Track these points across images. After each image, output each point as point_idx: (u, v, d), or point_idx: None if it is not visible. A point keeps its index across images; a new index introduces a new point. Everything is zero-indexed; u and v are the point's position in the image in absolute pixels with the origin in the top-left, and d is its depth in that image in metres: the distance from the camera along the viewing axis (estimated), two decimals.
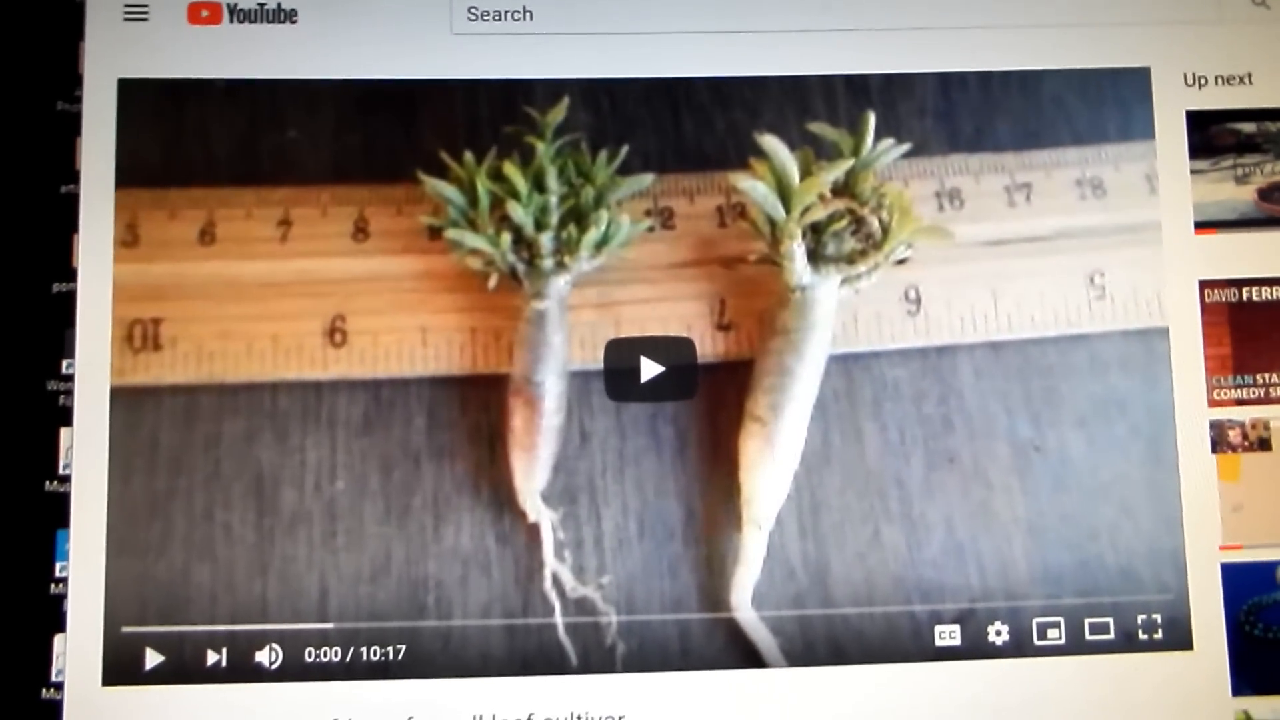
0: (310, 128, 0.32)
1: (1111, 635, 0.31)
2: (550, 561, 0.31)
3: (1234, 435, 0.32)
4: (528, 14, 0.32)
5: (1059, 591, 0.32)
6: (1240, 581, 0.32)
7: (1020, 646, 0.31)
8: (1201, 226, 0.33)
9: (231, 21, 0.32)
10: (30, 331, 0.31)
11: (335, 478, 0.31)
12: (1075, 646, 0.31)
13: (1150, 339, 0.32)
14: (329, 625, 0.31)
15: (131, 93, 0.32)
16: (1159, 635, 0.31)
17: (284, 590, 0.31)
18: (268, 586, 0.31)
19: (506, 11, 0.32)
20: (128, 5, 0.32)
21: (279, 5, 0.32)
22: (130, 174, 0.32)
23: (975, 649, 0.31)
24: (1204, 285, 0.32)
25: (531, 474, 0.31)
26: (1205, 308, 0.32)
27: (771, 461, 0.31)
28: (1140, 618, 0.31)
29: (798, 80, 0.33)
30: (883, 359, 0.33)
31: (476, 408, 0.32)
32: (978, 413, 0.32)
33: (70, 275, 0.31)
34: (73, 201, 0.31)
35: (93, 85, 0.32)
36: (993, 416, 0.32)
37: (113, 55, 0.32)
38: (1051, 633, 0.31)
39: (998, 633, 0.31)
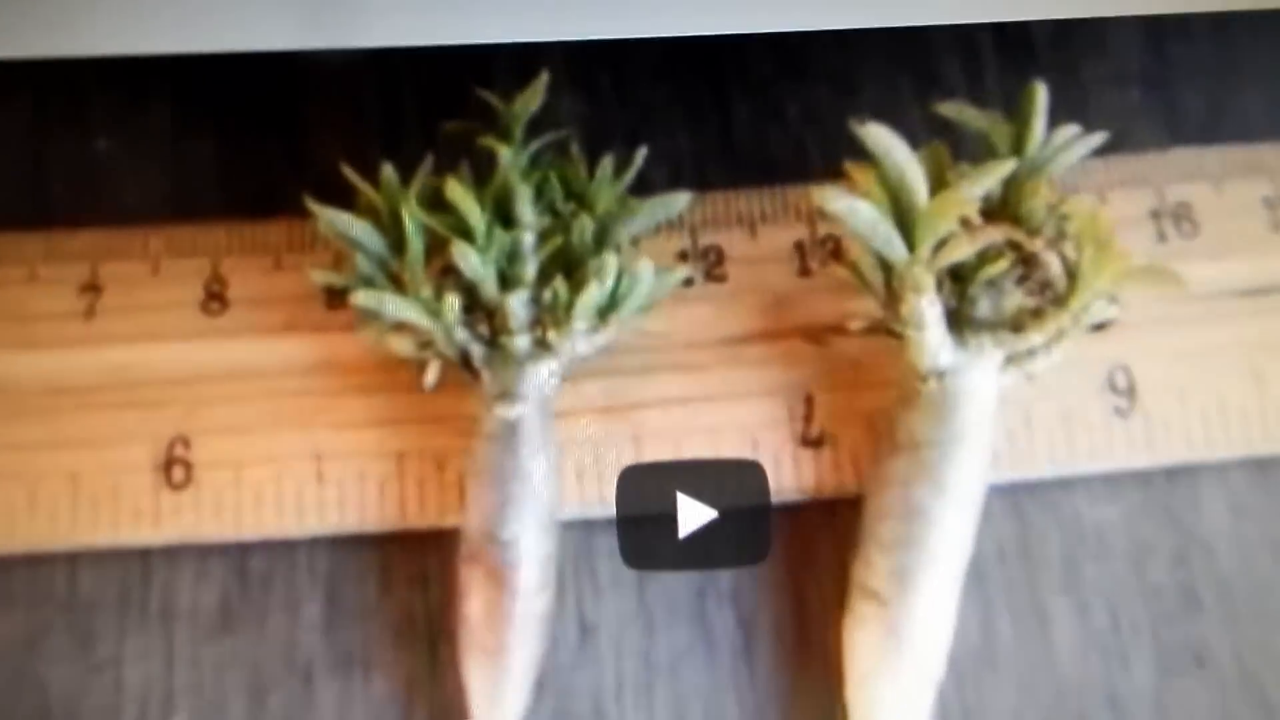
0: (131, 130, 0.30)
1: None
2: None
3: None
4: None
5: None
6: None
7: None
8: None
9: None
10: None
11: (173, 708, 0.27)
12: None
13: None
14: None
15: None
16: None
17: None
18: None
19: None
20: None
21: None
22: None
23: None
24: None
25: (500, 694, 0.26)
26: None
27: (898, 665, 0.26)
28: None
29: (918, 34, 0.30)
30: (1078, 491, 0.28)
31: (406, 585, 0.28)
32: (1241, 579, 0.28)
33: None
34: None
35: None
36: (1269, 585, 0.28)
37: None
38: None
39: None
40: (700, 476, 0.28)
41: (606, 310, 0.28)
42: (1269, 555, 0.28)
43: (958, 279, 0.28)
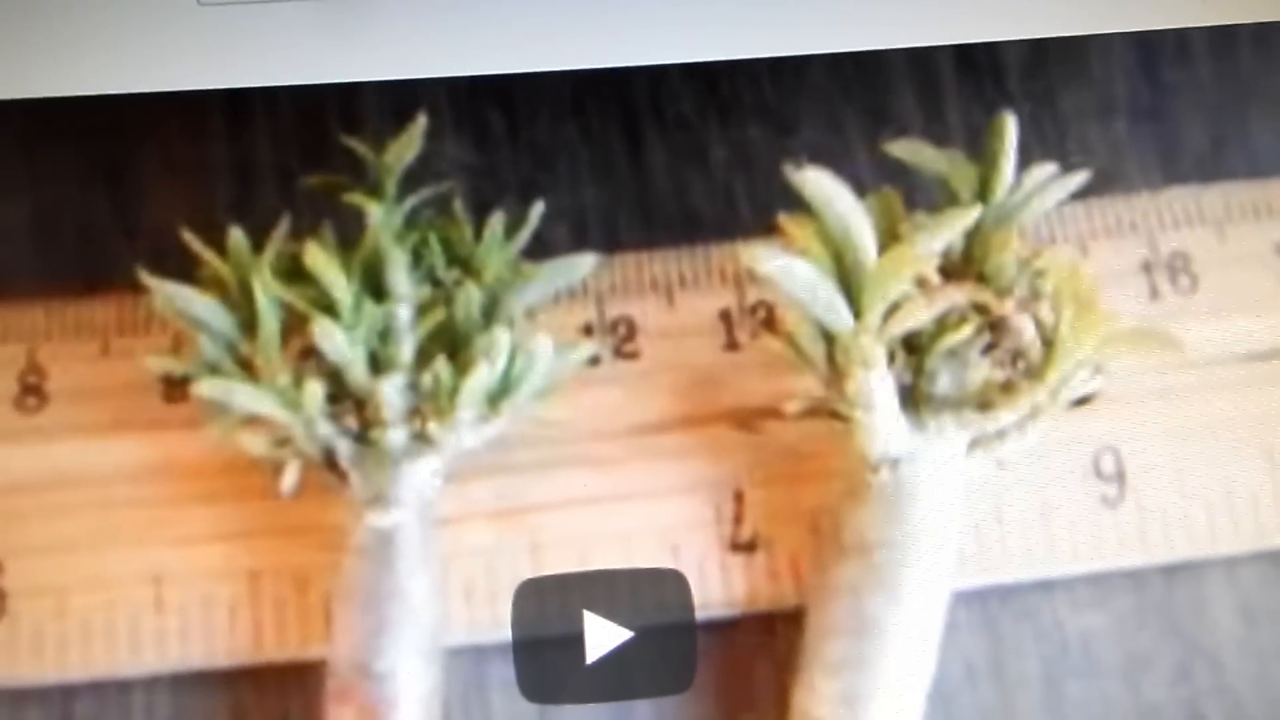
0: None
1: None
2: None
3: None
4: None
5: None
6: None
7: None
8: None
9: None
10: None
11: None
12: None
13: None
14: None
15: None
16: None
17: None
18: None
19: None
20: None
21: None
22: None
23: None
24: None
25: None
26: None
27: None
28: None
29: (863, 59, 0.29)
30: (1059, 595, 0.27)
31: None
32: (1253, 695, 0.27)
33: None
34: None
35: None
36: None
37: None
38: None
39: None
40: (611, 590, 0.27)
41: (498, 396, 0.27)
42: None
43: (913, 350, 0.27)
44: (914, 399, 0.26)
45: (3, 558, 0.26)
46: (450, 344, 0.27)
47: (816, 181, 0.26)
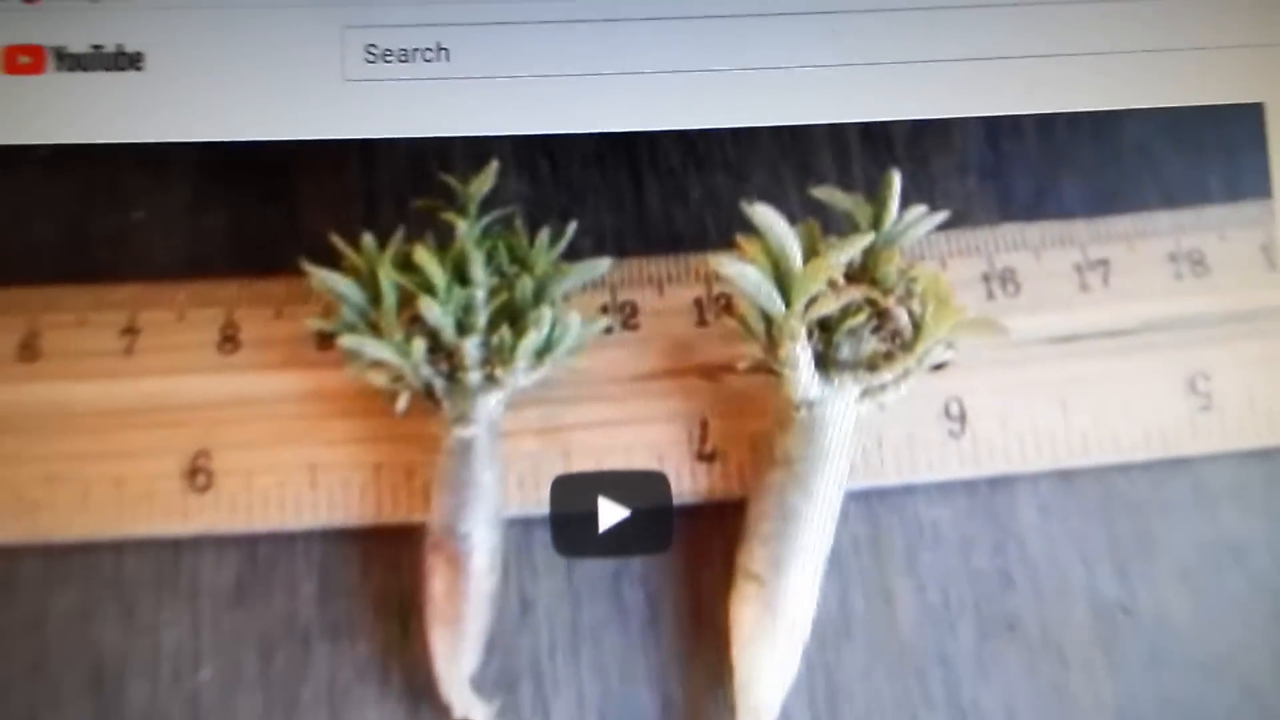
0: (161, 206, 0.36)
1: None
2: None
3: None
4: (442, 53, 0.37)
5: None
6: None
7: None
8: None
9: (58, 69, 0.36)
10: None
11: (199, 664, 0.34)
12: None
13: (1274, 462, 0.36)
14: None
15: None
16: None
17: None
18: None
19: (415, 50, 0.37)
20: None
21: (119, 48, 0.37)
22: None
23: None
24: None
25: (457, 655, 0.34)
26: None
27: (773, 633, 0.33)
28: None
29: (797, 131, 0.37)
30: (917, 495, 0.36)
31: (383, 569, 0.35)
32: (1045, 565, 0.35)
33: None
34: None
35: None
36: (1065, 569, 0.35)
37: None
38: None
39: None
40: (616, 484, 0.36)
41: (542, 352, 0.35)
42: (1068, 545, 0.35)
43: (825, 329, 0.35)
44: (824, 362, 0.34)
45: (212, 450, 0.35)
46: (511, 316, 0.35)
47: (763, 214, 0.34)
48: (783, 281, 0.34)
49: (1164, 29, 0.37)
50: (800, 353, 0.34)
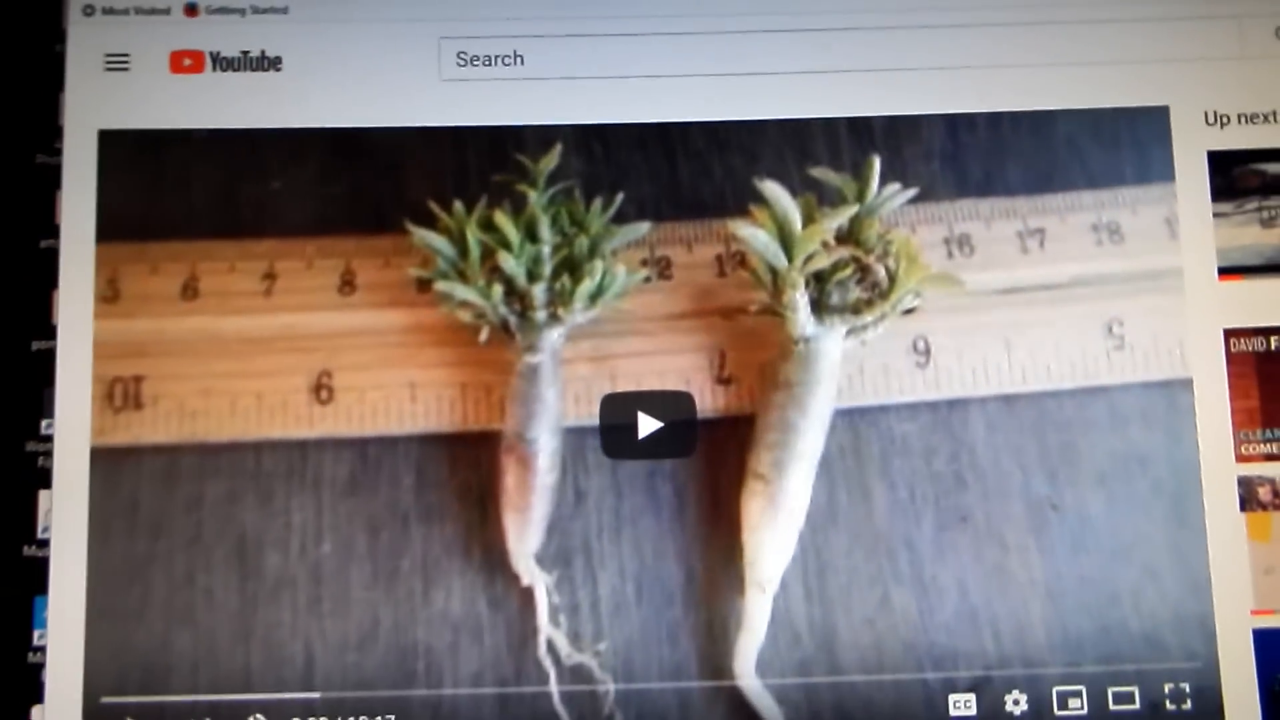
0: (294, 178, 0.38)
1: (1137, 705, 0.36)
2: (545, 627, 0.36)
3: (1264, 493, 0.36)
4: (518, 59, 0.38)
5: (1079, 659, 0.36)
6: (1275, 649, 0.36)
7: (1040, 716, 0.36)
8: (1226, 272, 0.37)
9: (214, 70, 0.37)
10: (9, 391, 0.36)
11: (321, 540, 0.36)
12: (1099, 716, 0.36)
13: (1173, 391, 0.37)
14: (314, 695, 0.35)
15: (112, 144, 0.37)
16: (1188, 706, 0.36)
17: (268, 658, 0.35)
18: (251, 654, 0.35)
19: (497, 57, 0.38)
20: (108, 55, 0.37)
21: (263, 53, 0.37)
22: (111, 227, 0.37)
23: (992, 718, 0.36)
24: (1229, 334, 0.37)
25: (524, 535, 0.36)
26: (1231, 358, 0.37)
27: (775, 521, 0.36)
28: (1168, 687, 0.36)
29: (798, 124, 0.38)
30: (891, 413, 0.37)
31: (467, 466, 0.37)
32: (991, 469, 0.37)
33: (50, 332, 0.36)
34: (52, 257, 0.36)
35: (73, 137, 0.37)
36: (1007, 473, 0.37)
37: (93, 106, 0.37)
38: (1073, 702, 0.36)
39: (1015, 702, 0.36)
40: (652, 402, 0.37)
41: (595, 296, 0.37)
42: (1009, 455, 0.37)
43: (819, 280, 0.36)
44: (818, 306, 0.36)
45: (333, 370, 0.37)
46: (570, 267, 0.37)
47: (770, 188, 0.36)
48: (786, 242, 0.36)
49: (1089, 45, 0.38)
50: (799, 299, 0.36)
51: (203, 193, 0.38)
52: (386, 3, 0.38)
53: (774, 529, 0.35)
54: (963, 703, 0.36)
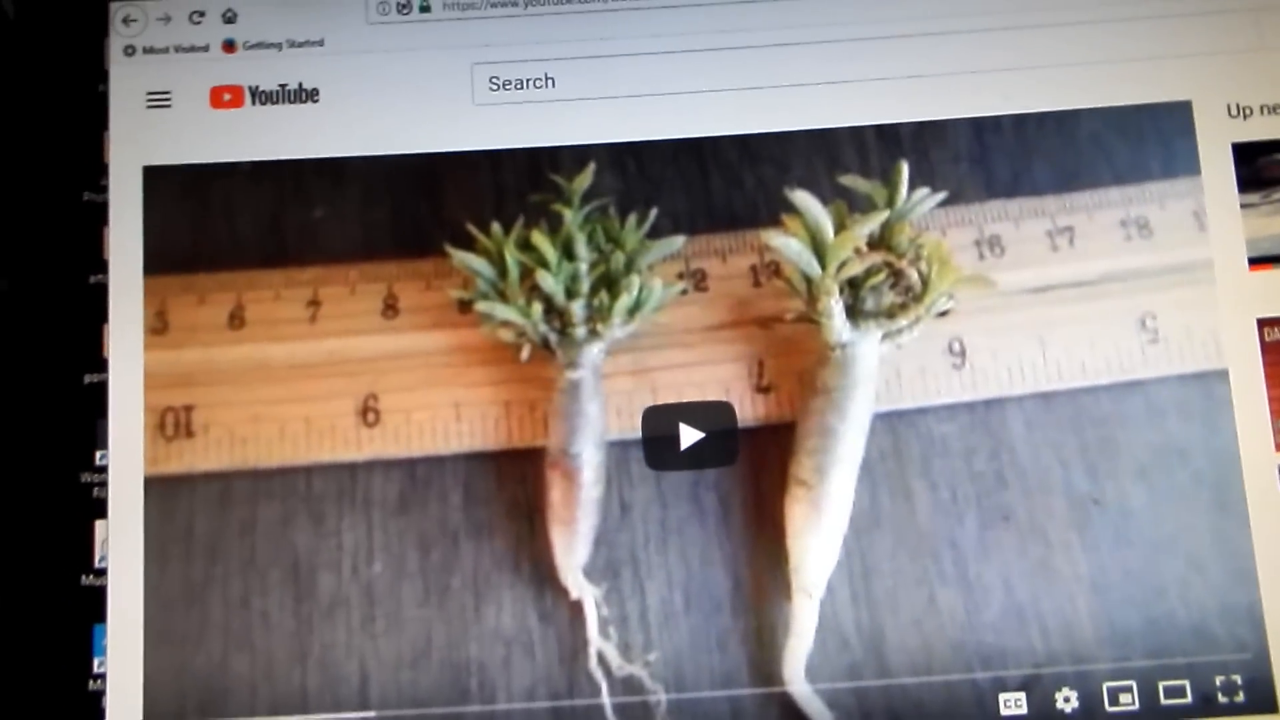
0: (336, 205, 0.38)
1: (1189, 699, 0.36)
2: (595, 639, 0.36)
3: None
4: (549, 81, 0.38)
5: (1128, 653, 0.36)
6: None
7: (1091, 713, 0.36)
8: (1256, 263, 0.37)
9: (254, 104, 0.38)
10: (63, 423, 0.37)
11: (373, 560, 0.37)
12: (1150, 712, 0.36)
13: (1209, 382, 0.37)
14: (370, 714, 0.35)
15: (157, 179, 0.38)
16: (1240, 698, 0.36)
17: (324, 678, 0.36)
18: (307, 675, 0.36)
19: (528, 80, 0.38)
20: (150, 93, 0.38)
21: (300, 85, 0.38)
22: (158, 260, 0.38)
23: (1043, 717, 0.36)
24: (1263, 324, 0.37)
25: (572, 549, 0.36)
26: (1266, 346, 0.37)
27: (819, 526, 0.36)
28: (1219, 679, 0.36)
29: (826, 133, 0.39)
30: (929, 415, 0.37)
31: (513, 482, 0.37)
32: (1031, 467, 0.37)
33: (101, 365, 0.37)
34: (102, 291, 0.37)
35: (118, 173, 0.38)
36: (1047, 470, 0.37)
37: (137, 143, 0.38)
38: (1124, 698, 0.36)
39: (1066, 699, 0.36)
40: (693, 412, 0.38)
41: (633, 310, 0.37)
42: (1049, 451, 0.37)
43: (853, 286, 0.37)
44: (853, 312, 0.36)
45: (379, 393, 0.37)
46: (608, 283, 0.37)
47: (801, 197, 0.36)
48: (819, 250, 0.36)
49: (1110, 44, 0.38)
50: (834, 305, 0.36)
51: (246, 223, 0.38)
52: (418, 32, 0.39)
53: (818, 534, 0.36)
54: (1013, 701, 0.36)
